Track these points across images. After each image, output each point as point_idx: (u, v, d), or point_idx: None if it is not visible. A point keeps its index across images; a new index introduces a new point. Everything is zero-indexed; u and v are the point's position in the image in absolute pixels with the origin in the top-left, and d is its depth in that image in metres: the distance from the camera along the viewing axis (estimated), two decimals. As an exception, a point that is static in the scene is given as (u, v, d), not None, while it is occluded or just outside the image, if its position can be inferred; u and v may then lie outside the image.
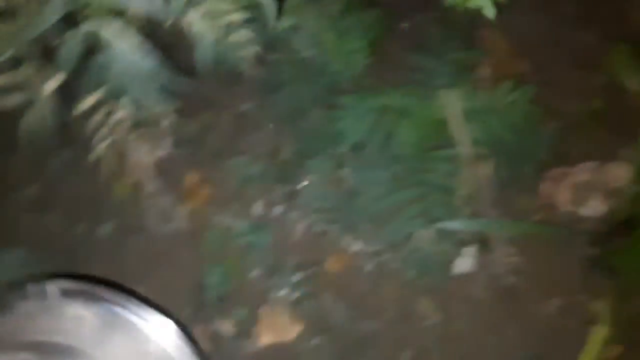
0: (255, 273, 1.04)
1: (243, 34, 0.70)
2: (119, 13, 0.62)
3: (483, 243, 1.02)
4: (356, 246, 1.06)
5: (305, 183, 1.06)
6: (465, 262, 1.05)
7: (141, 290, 1.04)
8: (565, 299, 1.03)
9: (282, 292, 1.03)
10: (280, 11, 0.79)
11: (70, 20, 0.64)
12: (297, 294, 1.02)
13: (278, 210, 1.08)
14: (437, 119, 0.95)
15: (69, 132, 0.83)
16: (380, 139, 0.94)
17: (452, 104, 0.89)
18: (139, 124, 0.78)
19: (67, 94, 0.71)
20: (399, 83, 0.96)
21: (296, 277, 1.03)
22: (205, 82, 1.05)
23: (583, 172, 1.07)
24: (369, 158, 1.00)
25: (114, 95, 0.66)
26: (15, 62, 0.66)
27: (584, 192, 1.06)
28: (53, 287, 0.82)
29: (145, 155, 0.83)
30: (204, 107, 1.10)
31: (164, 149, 0.87)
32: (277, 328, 1.02)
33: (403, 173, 0.98)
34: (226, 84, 1.03)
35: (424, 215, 0.94)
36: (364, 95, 0.92)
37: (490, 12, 0.65)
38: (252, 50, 0.75)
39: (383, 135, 0.94)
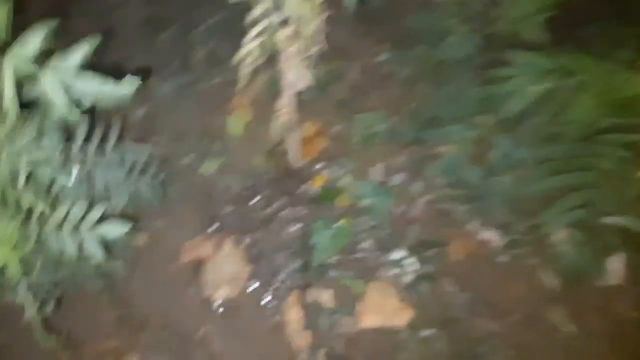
0: (367, 244, 0.91)
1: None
2: None
3: (645, 251, 0.86)
4: (486, 233, 0.91)
5: (439, 151, 0.92)
6: (616, 271, 0.90)
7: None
8: None
9: (395, 271, 0.90)
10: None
11: None
12: (412, 276, 0.89)
13: (400, 177, 0.95)
14: (621, 97, 0.79)
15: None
16: (548, 112, 0.79)
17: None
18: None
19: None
20: (580, 47, 0.81)
21: (413, 256, 0.90)
22: (339, 27, 0.93)
23: None
24: (523, 132, 0.85)
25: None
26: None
27: None
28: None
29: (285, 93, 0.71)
30: (335, 54, 0.97)
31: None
32: (384, 310, 0.89)
33: (563, 155, 0.82)
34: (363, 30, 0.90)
35: (584, 207, 0.78)
36: (542, 54, 0.77)
37: None
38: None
39: (552, 108, 0.79)
